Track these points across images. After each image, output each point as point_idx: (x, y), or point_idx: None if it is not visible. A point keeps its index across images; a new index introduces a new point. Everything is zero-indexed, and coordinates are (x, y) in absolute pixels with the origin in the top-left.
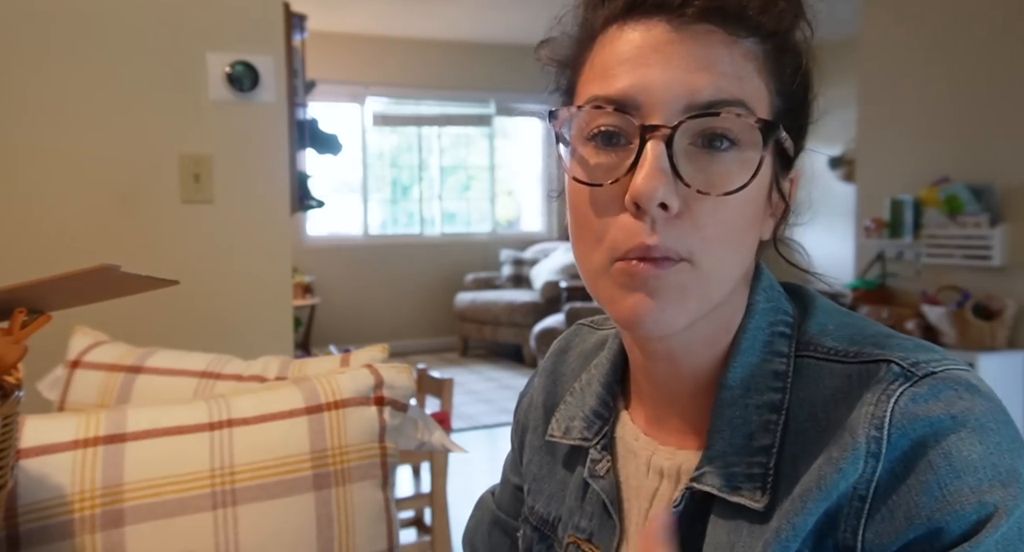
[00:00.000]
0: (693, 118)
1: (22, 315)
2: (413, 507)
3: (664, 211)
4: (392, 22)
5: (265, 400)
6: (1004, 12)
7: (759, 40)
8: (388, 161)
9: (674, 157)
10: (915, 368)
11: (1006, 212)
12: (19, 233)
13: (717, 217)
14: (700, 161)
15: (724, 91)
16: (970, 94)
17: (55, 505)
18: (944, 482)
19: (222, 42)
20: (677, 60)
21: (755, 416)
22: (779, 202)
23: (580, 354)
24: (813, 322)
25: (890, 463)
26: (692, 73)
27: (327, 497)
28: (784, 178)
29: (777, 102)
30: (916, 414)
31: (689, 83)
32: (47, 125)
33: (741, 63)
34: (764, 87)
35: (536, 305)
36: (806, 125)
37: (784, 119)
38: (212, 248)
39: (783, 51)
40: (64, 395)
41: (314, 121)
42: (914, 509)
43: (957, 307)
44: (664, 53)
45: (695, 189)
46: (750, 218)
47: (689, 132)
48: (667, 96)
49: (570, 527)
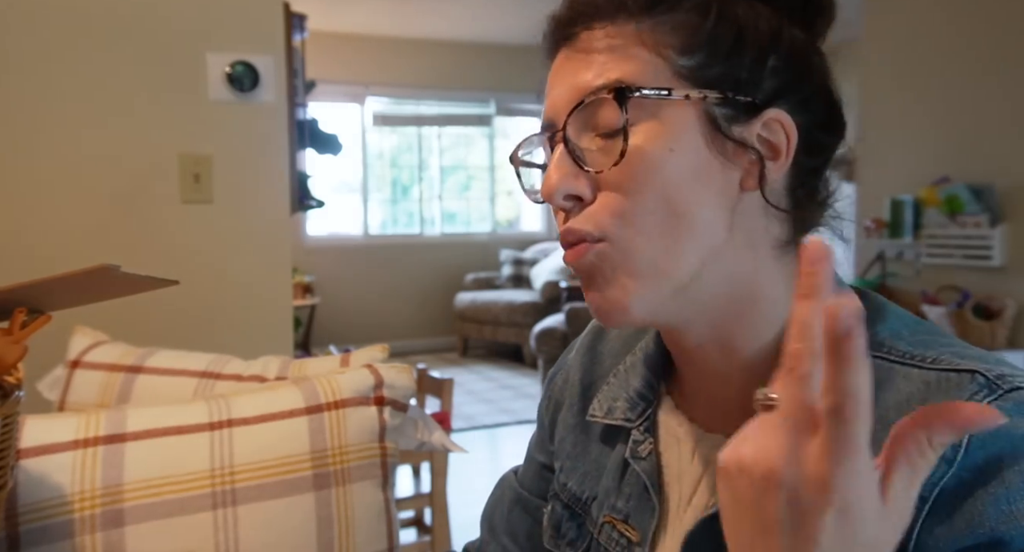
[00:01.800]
0: (570, 114)
1: (22, 315)
2: (413, 507)
3: (580, 201)
4: (392, 22)
5: (265, 400)
6: (1004, 12)
7: (633, 18)
8: (388, 161)
9: (575, 151)
10: (1001, 381)
11: (1006, 212)
12: (19, 233)
13: (626, 191)
14: (601, 144)
15: (599, 78)
16: (970, 94)
17: (55, 505)
18: (1014, 498)
19: (222, 42)
20: (566, 73)
21: None
22: (742, 151)
23: (620, 334)
24: (886, 325)
25: (961, 471)
26: (575, 76)
27: (327, 497)
28: (743, 125)
29: (686, 61)
30: (1000, 429)
31: (573, 87)
32: (47, 125)
33: (621, 49)
34: (657, 57)
35: (536, 305)
36: (757, 66)
37: (704, 73)
38: (212, 248)
39: (670, 15)
40: (64, 395)
41: (314, 121)
42: (978, 517)
43: (957, 307)
44: (558, 73)
45: (594, 171)
46: (673, 178)
47: (585, 126)
48: (562, 105)
49: (606, 507)
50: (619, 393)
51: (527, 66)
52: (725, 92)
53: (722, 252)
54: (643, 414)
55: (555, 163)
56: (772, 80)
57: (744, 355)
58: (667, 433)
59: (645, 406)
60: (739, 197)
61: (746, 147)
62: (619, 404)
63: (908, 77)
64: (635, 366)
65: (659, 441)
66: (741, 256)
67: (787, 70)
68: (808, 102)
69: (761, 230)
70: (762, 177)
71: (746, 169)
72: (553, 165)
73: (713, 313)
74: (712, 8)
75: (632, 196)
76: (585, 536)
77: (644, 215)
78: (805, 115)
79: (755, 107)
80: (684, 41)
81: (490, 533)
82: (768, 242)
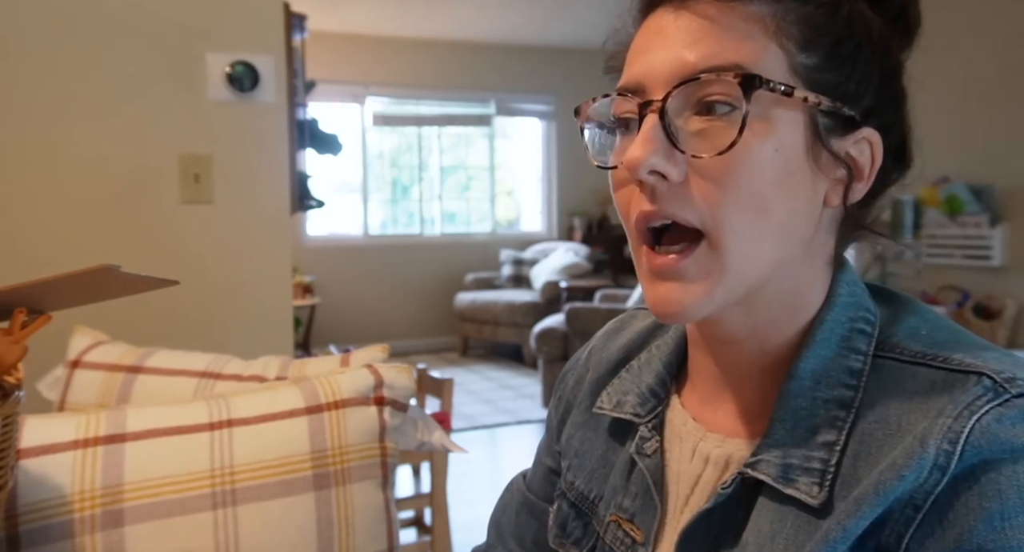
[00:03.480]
0: (678, 87)
1: (22, 315)
2: (413, 507)
3: (664, 180)
4: (392, 22)
5: (265, 400)
6: (1004, 12)
7: (768, 2)
8: (388, 161)
9: (670, 127)
10: (1009, 385)
11: (1006, 212)
12: (19, 233)
13: (724, 181)
14: (703, 126)
15: (716, 57)
16: (970, 94)
17: (55, 505)
18: (1009, 514)
19: (222, 42)
20: (674, 38)
21: (822, 410)
22: (834, 165)
23: (636, 331)
24: (904, 325)
25: (955, 479)
26: (686, 47)
27: (327, 497)
28: (839, 139)
29: (805, 60)
30: (997, 436)
31: (681, 57)
32: (47, 125)
33: (741, 27)
34: (777, 46)
35: (536, 305)
36: (866, 80)
37: (820, 76)
38: (212, 248)
39: (798, 4)
40: (64, 395)
41: (314, 121)
42: (967, 533)
43: (957, 307)
44: (664, 34)
45: (690, 154)
46: (771, 181)
47: (687, 103)
48: (664, 73)
49: (612, 505)
50: (630, 387)
51: (527, 66)
52: (834, 100)
53: (793, 261)
54: (653, 411)
55: (646, 135)
56: (872, 97)
57: (769, 355)
58: (671, 432)
59: (656, 403)
60: (822, 211)
61: (839, 161)
62: (629, 398)
63: (908, 77)
64: (650, 363)
65: (664, 439)
66: (804, 266)
67: (886, 89)
68: (891, 127)
69: (822, 244)
70: (846, 194)
71: (833, 185)
72: (643, 137)
73: (759, 311)
74: (844, 8)
75: (727, 189)
76: (591, 535)
77: (737, 212)
78: (889, 137)
79: (854, 122)
80: (808, 36)
81: (497, 537)
82: (823, 257)
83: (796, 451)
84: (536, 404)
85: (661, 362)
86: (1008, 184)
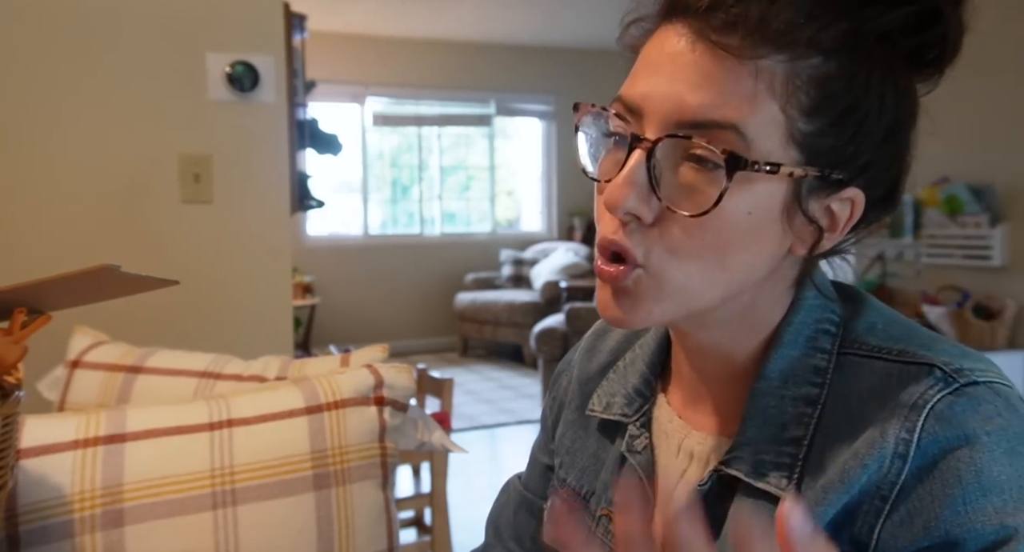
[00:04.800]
0: (670, 137)
1: (22, 315)
2: (413, 507)
3: (638, 219)
4: (392, 22)
5: (265, 400)
6: (1004, 12)
7: (785, 58)
8: (388, 161)
9: (654, 169)
10: (958, 375)
11: (1006, 212)
12: (19, 233)
13: (688, 234)
14: (686, 176)
15: (715, 111)
16: (970, 94)
17: (55, 505)
18: (969, 498)
19: (222, 42)
20: (684, 72)
21: (790, 407)
22: (807, 225)
23: (622, 331)
24: (861, 321)
25: (917, 468)
26: (691, 89)
27: (327, 497)
28: (820, 199)
29: (805, 126)
30: (951, 422)
31: (683, 99)
32: (47, 125)
33: (748, 83)
34: (779, 110)
35: (536, 305)
36: (865, 142)
37: (817, 141)
38: (212, 248)
39: (812, 61)
40: (64, 395)
41: (314, 121)
42: (934, 520)
43: (957, 307)
44: (676, 63)
45: (665, 205)
46: (735, 241)
47: (675, 150)
48: (663, 109)
49: (603, 501)
50: (617, 389)
51: (527, 66)
52: (823, 169)
53: (746, 292)
54: (640, 410)
55: (629, 176)
56: (868, 155)
57: (737, 362)
58: (658, 429)
59: (642, 402)
60: (784, 257)
61: (813, 223)
62: (617, 399)
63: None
64: (634, 363)
65: (653, 435)
66: (761, 292)
67: (886, 144)
68: (880, 178)
69: (783, 276)
70: (813, 248)
71: (802, 238)
72: (626, 176)
73: (714, 329)
74: (863, 68)
75: (692, 240)
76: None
77: (694, 260)
78: (869, 191)
79: (840, 183)
80: (816, 103)
81: (496, 537)
82: (786, 283)
83: (767, 447)
84: (536, 404)
85: (644, 362)
86: (1008, 184)
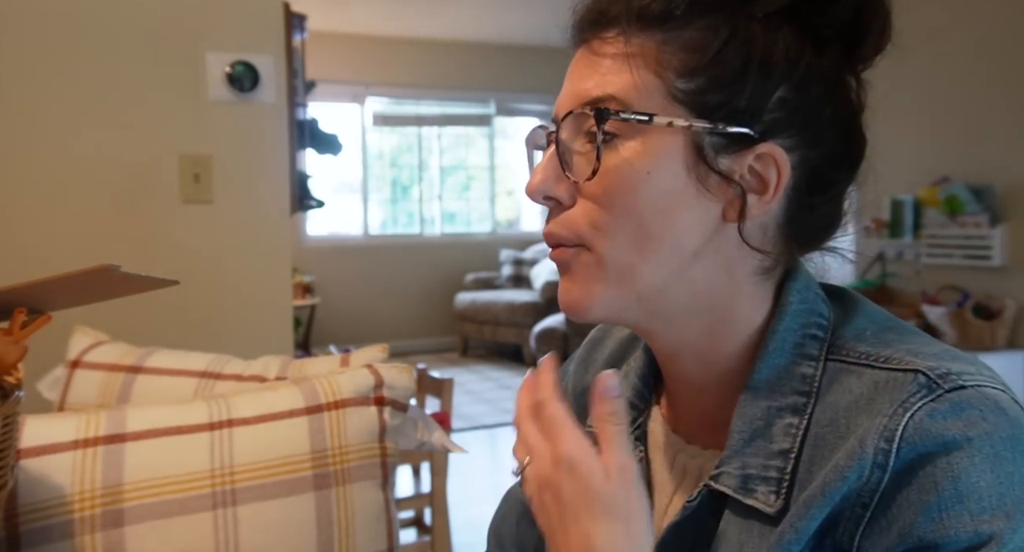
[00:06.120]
0: (563, 119)
1: (22, 315)
2: (413, 507)
3: (559, 204)
4: (392, 22)
5: (265, 400)
6: (1004, 12)
7: (644, 31)
8: (388, 161)
9: (564, 155)
10: (943, 380)
11: (1006, 212)
12: (19, 233)
13: (601, 205)
14: (583, 154)
15: (596, 89)
16: (970, 94)
17: (55, 505)
18: (945, 505)
19: (222, 42)
20: (576, 74)
21: (776, 419)
22: (723, 183)
23: (617, 341)
24: (851, 326)
25: (896, 475)
26: (579, 81)
27: (327, 497)
28: (732, 157)
29: (684, 84)
30: (930, 430)
31: (575, 91)
32: (47, 125)
33: (623, 61)
34: (654, 76)
35: (536, 305)
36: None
37: (703, 98)
38: (212, 248)
39: (680, 32)
40: (64, 395)
41: (314, 121)
42: (908, 527)
43: (957, 307)
44: (572, 72)
45: (573, 179)
46: (647, 201)
47: (578, 132)
48: (564, 108)
49: None
50: None
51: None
52: (716, 123)
53: (689, 272)
54: (633, 423)
55: (543, 163)
56: (778, 111)
57: (719, 367)
58: (653, 443)
59: (636, 415)
60: (719, 226)
61: (729, 180)
62: None
63: (908, 77)
64: (627, 376)
65: (648, 449)
66: (712, 277)
67: (798, 101)
68: (820, 136)
69: (737, 257)
70: (742, 212)
71: (728, 201)
72: (540, 164)
73: (680, 325)
74: (723, 30)
75: (607, 210)
76: None
77: (616, 230)
78: (813, 150)
79: (750, 139)
80: (687, 63)
81: (498, 547)
82: (747, 268)
83: (754, 461)
84: None
85: (637, 375)
86: (1008, 184)
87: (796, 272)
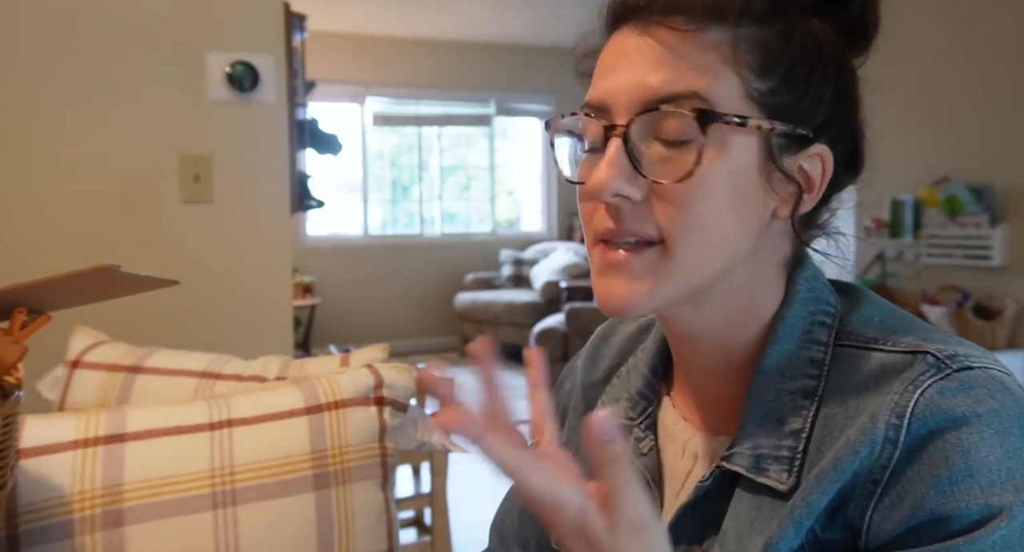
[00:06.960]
0: (640, 114)
1: (22, 315)
2: (413, 507)
3: (628, 201)
4: (392, 22)
5: (265, 400)
6: (1004, 12)
7: (726, 28)
8: (388, 161)
9: (633, 151)
10: (950, 360)
11: (1006, 212)
12: (19, 233)
13: (679, 205)
14: (661, 152)
15: (675, 84)
16: (970, 94)
17: (55, 505)
18: (956, 479)
19: (222, 42)
20: (638, 61)
21: (788, 401)
22: (785, 182)
23: (624, 336)
24: (859, 313)
25: (907, 451)
26: (648, 72)
27: (327, 497)
28: (792, 156)
29: (760, 85)
30: (940, 406)
31: (643, 81)
32: (47, 125)
33: (699, 55)
34: (734, 74)
35: (536, 305)
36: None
37: (775, 99)
38: (212, 248)
39: (756, 29)
40: (64, 395)
41: (314, 121)
42: (920, 500)
43: (957, 307)
44: (628, 57)
45: (652, 180)
46: (724, 201)
47: (649, 129)
48: (627, 97)
49: None
50: (621, 393)
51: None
52: (789, 123)
53: (740, 266)
54: (644, 412)
55: (610, 159)
56: (826, 113)
57: (735, 353)
58: (664, 431)
59: (646, 405)
60: (769, 222)
61: (790, 179)
62: (621, 404)
63: (908, 77)
64: (636, 367)
65: (659, 438)
66: (753, 270)
67: (838, 102)
68: (841, 137)
69: (773, 249)
70: (795, 208)
71: (783, 199)
72: (607, 161)
73: (709, 312)
74: (797, 32)
75: (683, 209)
76: None
77: (692, 230)
78: (839, 147)
79: (807, 140)
80: (764, 62)
81: (500, 543)
82: (776, 259)
83: (766, 441)
84: None
85: (647, 365)
86: (1008, 184)
87: (804, 262)
